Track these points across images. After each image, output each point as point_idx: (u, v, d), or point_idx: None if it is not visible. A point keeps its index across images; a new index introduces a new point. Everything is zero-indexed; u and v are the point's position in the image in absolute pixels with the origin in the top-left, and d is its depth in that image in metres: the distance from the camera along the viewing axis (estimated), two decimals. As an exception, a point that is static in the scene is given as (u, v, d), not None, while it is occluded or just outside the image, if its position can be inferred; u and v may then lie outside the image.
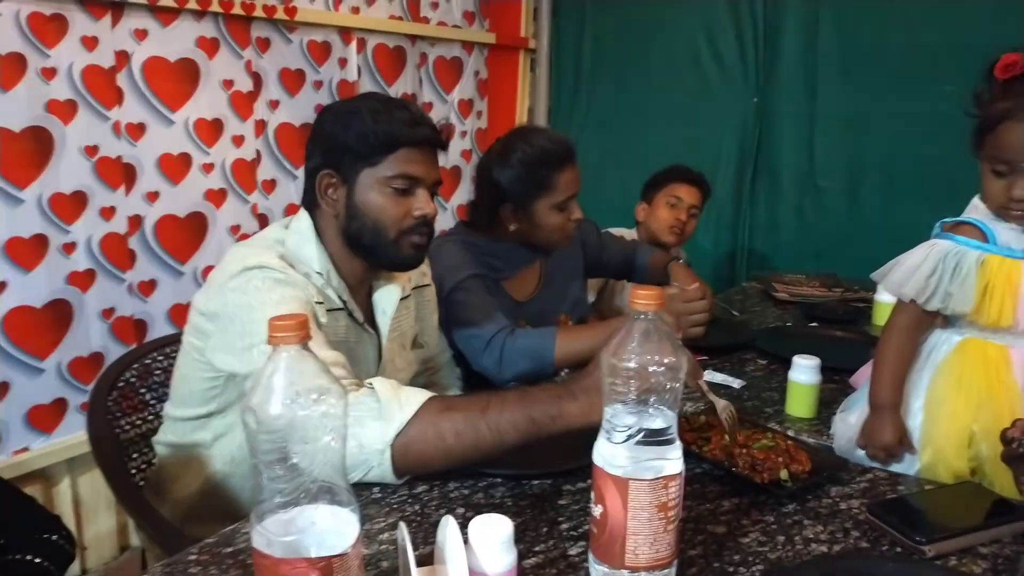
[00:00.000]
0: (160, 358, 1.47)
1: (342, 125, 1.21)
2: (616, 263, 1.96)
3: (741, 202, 2.99)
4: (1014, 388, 1.09)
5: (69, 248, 1.91)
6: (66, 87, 1.86)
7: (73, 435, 1.95)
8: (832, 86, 2.81)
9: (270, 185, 2.40)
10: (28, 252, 1.84)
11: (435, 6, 2.91)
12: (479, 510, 0.87)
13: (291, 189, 2.46)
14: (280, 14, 2.29)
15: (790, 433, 1.15)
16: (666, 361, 0.73)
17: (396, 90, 2.76)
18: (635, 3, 3.13)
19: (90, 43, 1.89)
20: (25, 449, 1.88)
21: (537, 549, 0.85)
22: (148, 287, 2.10)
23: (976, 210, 1.10)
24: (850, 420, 1.18)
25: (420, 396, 0.99)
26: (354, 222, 1.22)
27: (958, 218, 1.12)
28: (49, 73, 1.83)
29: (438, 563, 0.72)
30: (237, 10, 2.16)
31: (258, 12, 2.22)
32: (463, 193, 3.12)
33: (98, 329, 1.99)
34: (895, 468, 1.12)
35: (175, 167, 2.12)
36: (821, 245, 2.86)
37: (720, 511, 0.94)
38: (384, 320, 1.31)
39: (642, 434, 0.73)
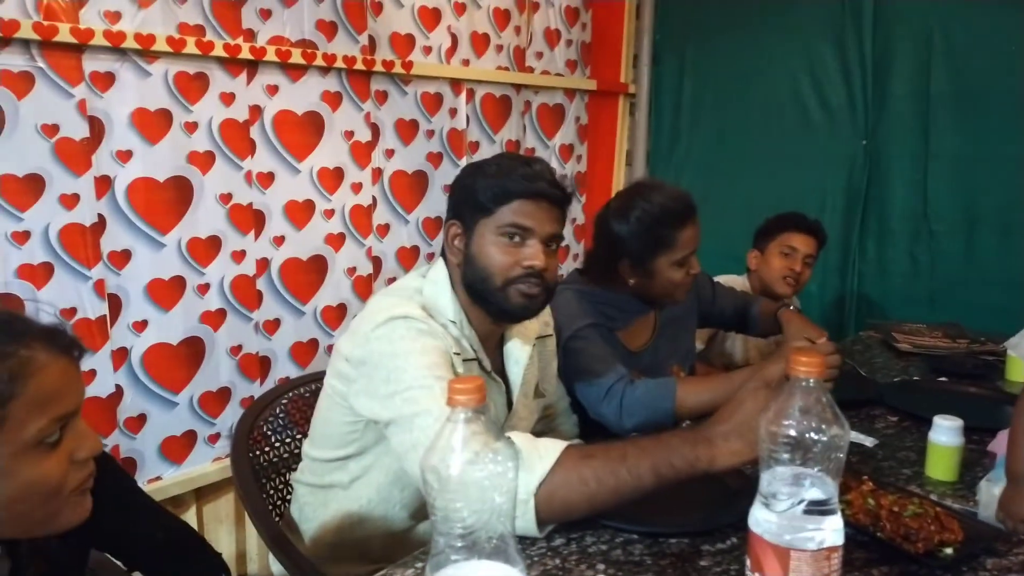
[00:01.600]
0: (295, 397, 1.55)
1: (471, 179, 1.27)
2: (729, 315, 1.95)
3: (850, 246, 2.91)
4: None
5: (203, 289, 2.04)
6: (205, 139, 2.01)
7: (201, 465, 2.06)
8: (945, 127, 2.71)
9: (384, 229, 2.50)
10: (167, 293, 1.97)
11: (539, 56, 2.99)
12: (619, 567, 0.88)
13: (403, 233, 2.56)
14: (397, 68, 2.41)
15: (934, 498, 1.12)
16: (828, 430, 0.73)
17: (501, 136, 2.84)
18: (736, 46, 3.13)
19: (227, 99, 2.03)
20: (158, 478, 2.00)
21: (686, 613, 0.85)
22: (272, 326, 2.21)
23: None
24: (995, 491, 1.13)
25: (558, 445, 1.01)
26: (470, 270, 1.26)
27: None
28: (191, 127, 1.98)
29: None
30: (359, 65, 2.29)
31: (377, 67, 2.34)
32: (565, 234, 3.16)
33: (227, 365, 2.10)
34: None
35: (299, 213, 2.24)
36: (935, 292, 2.74)
37: (870, 580, 0.92)
38: (517, 370, 1.35)
39: (804, 504, 0.73)
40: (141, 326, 1.93)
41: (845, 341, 2.24)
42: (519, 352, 1.36)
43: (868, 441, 1.38)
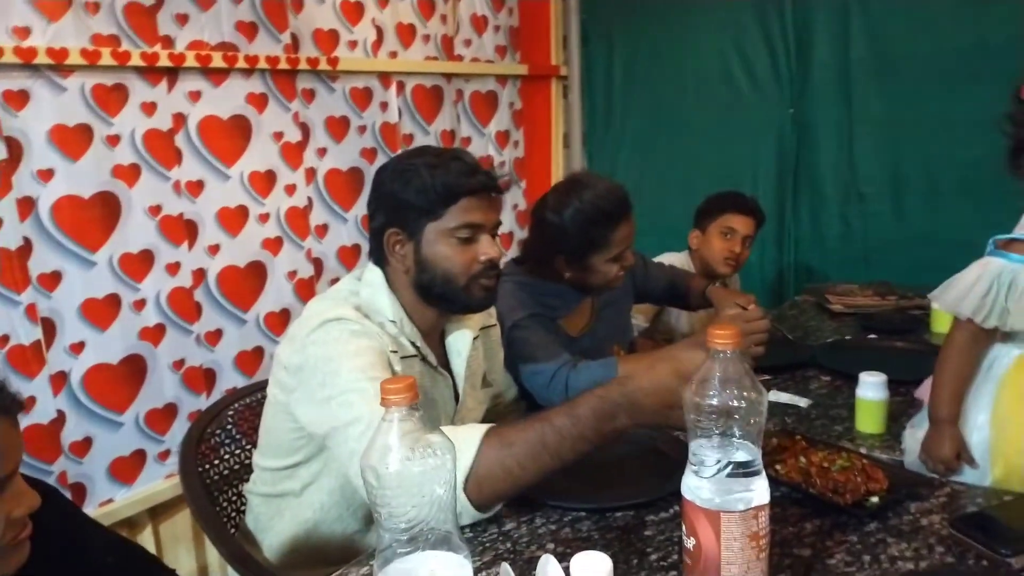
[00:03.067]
0: (242, 407, 1.54)
1: (401, 183, 1.26)
2: (661, 291, 1.99)
3: (784, 215, 2.99)
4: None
5: (139, 305, 2.00)
6: (129, 152, 1.95)
7: (153, 484, 2.03)
8: (867, 93, 2.80)
9: (323, 230, 2.48)
10: (102, 312, 1.92)
11: (468, 43, 2.99)
12: (569, 545, 0.91)
13: (342, 232, 2.54)
14: (323, 65, 2.38)
15: (863, 451, 1.17)
16: (747, 397, 0.76)
17: (436, 127, 2.83)
18: (662, 24, 3.18)
19: (149, 108, 1.98)
20: (110, 501, 1.96)
21: (632, 580, 0.88)
22: (214, 337, 2.18)
23: (1027, 225, 1.11)
24: (919, 435, 1.19)
25: (476, 433, 1.03)
26: (424, 274, 1.26)
27: (1011, 235, 1.13)
28: (113, 140, 1.93)
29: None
30: (283, 65, 2.25)
31: (302, 65, 2.31)
32: (507, 219, 3.18)
33: (171, 381, 2.07)
34: (970, 480, 1.12)
35: (233, 220, 2.20)
36: (868, 252, 2.85)
37: (804, 534, 0.97)
38: (459, 362, 1.36)
39: (730, 467, 0.76)
40: (78, 348, 1.88)
41: (782, 307, 2.31)
42: (460, 344, 1.38)
43: (802, 402, 1.44)
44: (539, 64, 3.26)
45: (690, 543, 0.78)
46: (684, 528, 0.79)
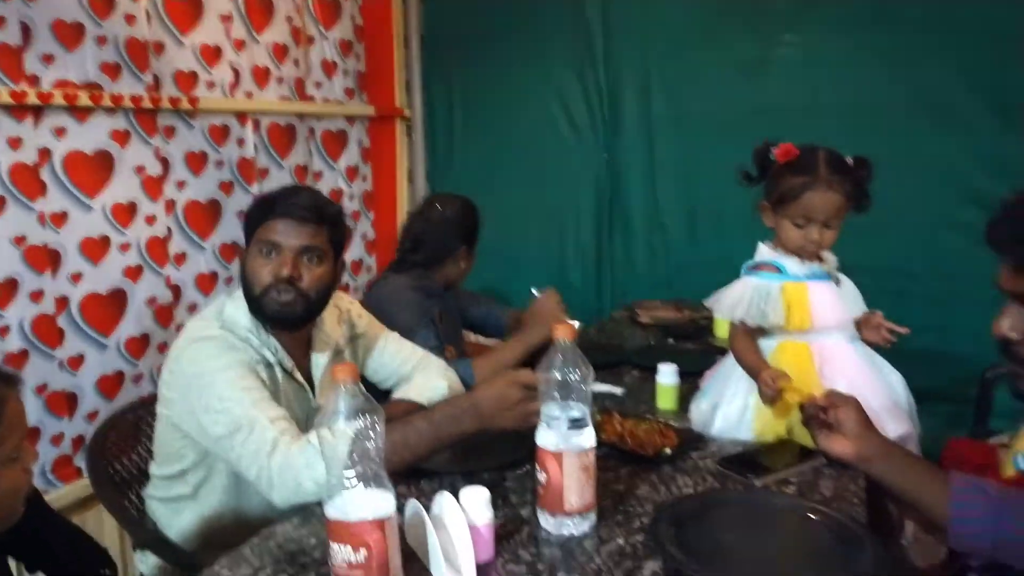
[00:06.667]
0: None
1: (248, 211, 1.52)
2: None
3: (601, 244, 3.45)
4: (814, 374, 1.53)
5: (3, 331, 2.03)
6: (-6, 184, 2.01)
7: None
8: (666, 142, 3.30)
9: (181, 258, 2.59)
10: (-37, 340, 1.95)
11: (319, 85, 3.21)
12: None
13: (200, 261, 2.65)
14: (184, 104, 2.52)
15: (661, 420, 1.55)
16: (580, 371, 1.09)
17: (289, 163, 3.02)
18: (495, 73, 3.54)
19: (15, 143, 2.04)
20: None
21: (499, 514, 1.18)
22: (77, 362, 2.23)
23: (762, 253, 1.56)
24: (702, 406, 1.59)
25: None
26: (243, 282, 1.48)
27: (757, 260, 1.57)
28: (-23, 172, 1.98)
29: (438, 527, 1.03)
30: (146, 104, 2.37)
31: (164, 104, 2.44)
32: (356, 248, 3.41)
33: (34, 405, 2.11)
34: (742, 436, 1.52)
35: (95, 249, 2.28)
36: (670, 274, 3.35)
37: (620, 476, 1.32)
38: (316, 373, 1.56)
39: (568, 421, 1.09)
40: (-62, 375, 1.90)
41: (602, 320, 2.73)
42: (320, 358, 1.58)
43: (618, 390, 1.82)
44: (384, 106, 3.54)
45: (542, 477, 1.10)
46: (538, 467, 1.11)
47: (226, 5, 2.70)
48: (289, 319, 1.47)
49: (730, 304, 1.55)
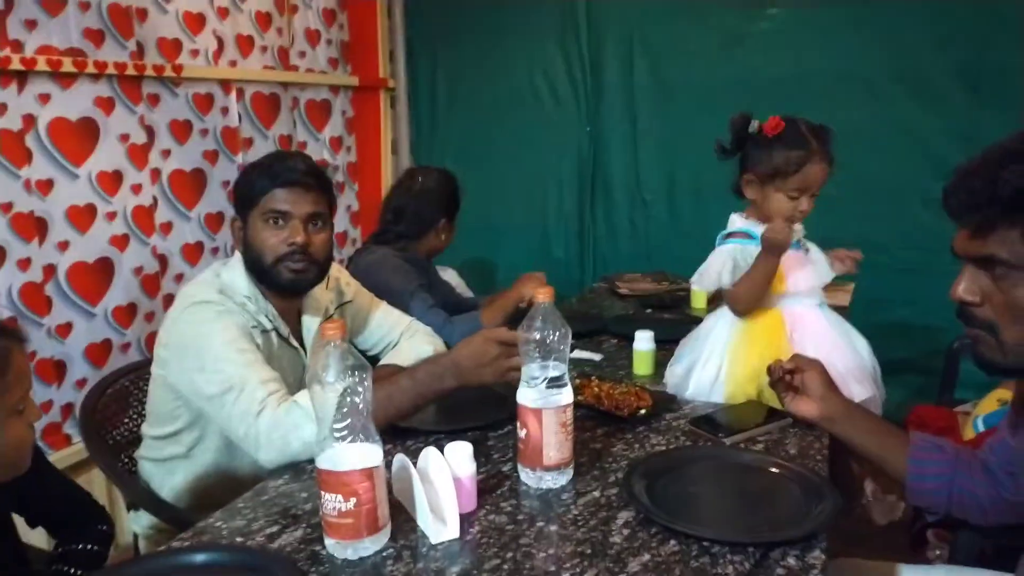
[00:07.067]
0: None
1: (242, 179, 1.54)
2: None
3: (584, 218, 3.51)
4: (783, 338, 1.61)
5: (-9, 300, 2.06)
6: (-22, 151, 2.02)
7: None
8: (648, 113, 3.37)
9: (167, 227, 2.61)
10: (-49, 306, 1.97)
11: (303, 55, 3.21)
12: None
13: (186, 230, 2.68)
14: (168, 72, 2.52)
15: (637, 384, 1.62)
16: (558, 332, 1.15)
17: (273, 132, 3.03)
18: (480, 44, 3.57)
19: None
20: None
21: (482, 470, 1.24)
22: (65, 330, 2.26)
23: (734, 223, 1.62)
24: (676, 371, 1.65)
25: None
26: (249, 254, 1.51)
27: (731, 230, 1.63)
28: (-38, 139, 1.98)
29: (424, 479, 1.09)
30: (130, 71, 2.38)
31: (148, 71, 2.44)
32: (341, 220, 3.43)
33: (23, 372, 2.14)
34: (715, 399, 1.58)
35: (82, 217, 2.29)
36: (650, 248, 3.43)
37: (596, 435, 1.38)
38: (308, 337, 1.61)
39: (547, 380, 1.15)
40: (-73, 341, 1.92)
41: (583, 291, 2.79)
42: (311, 323, 1.63)
43: (596, 357, 1.88)
44: (368, 76, 3.54)
45: (523, 433, 1.15)
46: (518, 424, 1.17)
47: (209, -28, 2.69)
48: (302, 285, 1.52)
49: (716, 272, 1.60)
